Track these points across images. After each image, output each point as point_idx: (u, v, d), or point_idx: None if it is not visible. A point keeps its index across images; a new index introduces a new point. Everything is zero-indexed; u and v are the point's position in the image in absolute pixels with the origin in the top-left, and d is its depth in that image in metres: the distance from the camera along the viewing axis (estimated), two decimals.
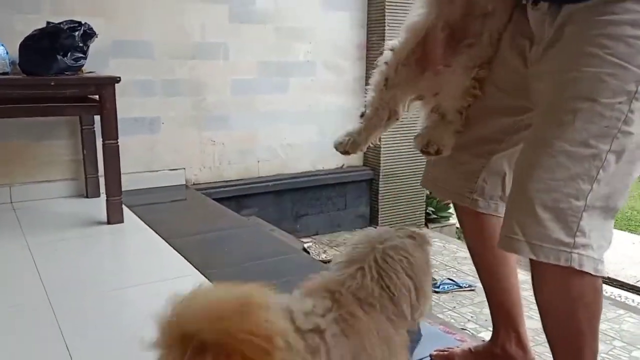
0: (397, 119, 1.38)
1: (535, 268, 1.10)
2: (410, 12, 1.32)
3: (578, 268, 1.03)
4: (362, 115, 1.39)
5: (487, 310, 1.59)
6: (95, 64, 2.75)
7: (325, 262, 2.71)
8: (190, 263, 2.13)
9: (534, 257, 1.04)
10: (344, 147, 1.40)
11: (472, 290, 2.92)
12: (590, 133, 1.00)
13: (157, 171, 3.27)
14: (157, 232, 2.47)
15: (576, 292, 1.07)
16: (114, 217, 2.54)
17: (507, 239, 1.07)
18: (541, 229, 1.02)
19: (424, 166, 1.50)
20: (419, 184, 4.10)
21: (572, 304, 1.08)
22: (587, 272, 1.04)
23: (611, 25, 0.99)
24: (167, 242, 2.36)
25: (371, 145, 1.42)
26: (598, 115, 1.00)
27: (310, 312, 0.91)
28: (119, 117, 2.49)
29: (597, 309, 1.10)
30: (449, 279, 3.02)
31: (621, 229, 4.82)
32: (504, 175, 1.35)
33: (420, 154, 1.34)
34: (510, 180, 1.32)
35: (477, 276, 1.55)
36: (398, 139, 3.79)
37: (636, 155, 1.03)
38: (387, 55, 1.34)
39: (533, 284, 1.14)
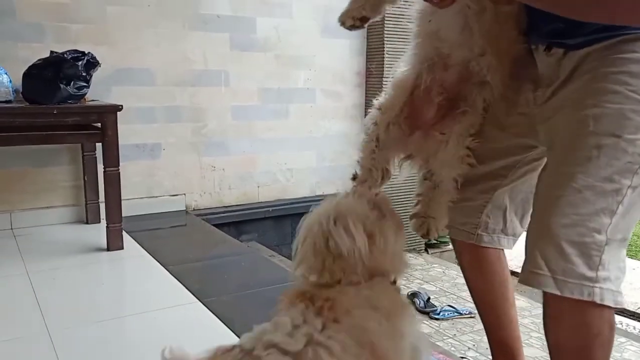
0: (389, 178, 1.37)
1: (552, 303, 1.08)
2: (397, 66, 1.31)
3: (599, 302, 1.02)
4: (353, 178, 1.36)
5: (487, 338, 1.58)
6: (98, 91, 2.79)
7: None
8: (189, 291, 2.12)
9: (558, 293, 1.03)
10: None
11: (473, 317, 2.90)
12: (615, 169, 1.01)
13: (157, 197, 3.28)
14: (156, 259, 2.47)
15: (595, 328, 1.06)
16: (113, 243, 2.54)
17: (531, 274, 1.07)
18: (567, 264, 1.03)
19: None
20: None
21: (589, 341, 1.07)
22: (606, 306, 1.03)
23: (632, 63, 1.01)
24: (166, 269, 2.36)
25: None
26: (622, 151, 1.01)
27: (292, 330, 0.89)
28: (120, 143, 2.51)
29: (611, 347, 1.09)
30: (449, 305, 3.01)
31: None
32: (505, 208, 1.35)
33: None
34: (510, 213, 1.33)
35: None
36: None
37: None
38: (374, 114, 1.32)
39: (547, 321, 1.12)
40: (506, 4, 1.12)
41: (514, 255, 1.48)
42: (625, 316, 3.41)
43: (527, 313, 3.13)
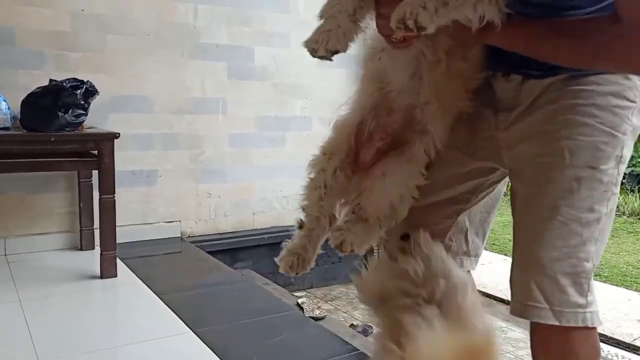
0: (336, 224, 1.32)
1: (542, 331, 1.11)
2: (339, 111, 1.29)
3: (590, 325, 1.07)
4: (300, 227, 1.31)
5: None
6: (95, 119, 2.81)
7: (317, 319, 2.68)
8: (183, 320, 2.11)
9: (557, 323, 1.07)
10: (295, 269, 1.28)
11: None
12: (594, 199, 1.06)
13: (152, 223, 3.28)
14: (150, 287, 2.46)
15: (583, 354, 1.10)
16: (107, 271, 2.53)
17: (529, 307, 1.09)
18: (563, 295, 1.06)
19: None
20: None
21: None
22: (591, 327, 1.08)
23: (598, 95, 1.04)
24: (159, 297, 2.34)
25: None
26: (598, 182, 1.05)
27: None
28: (116, 169, 2.52)
29: None
30: None
31: (617, 285, 4.80)
32: (466, 230, 1.37)
33: None
34: (471, 235, 1.36)
35: None
36: None
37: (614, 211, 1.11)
38: (320, 159, 1.28)
39: (538, 350, 1.14)
40: (461, 61, 1.12)
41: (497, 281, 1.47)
42: (621, 348, 3.39)
43: (522, 344, 3.11)
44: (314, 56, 1.07)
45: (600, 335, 3.64)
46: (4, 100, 2.50)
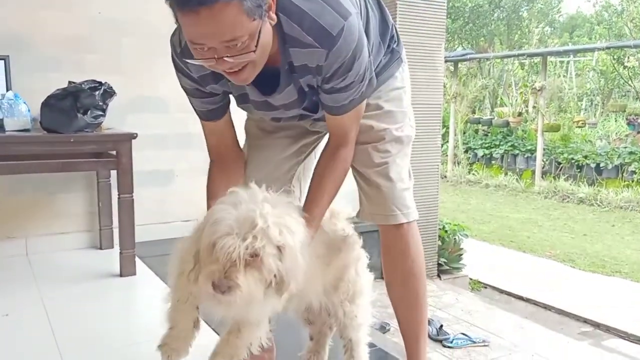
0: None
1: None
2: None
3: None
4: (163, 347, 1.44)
5: None
6: (113, 120, 2.85)
7: None
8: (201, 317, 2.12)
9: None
10: None
11: (486, 345, 2.87)
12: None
13: (170, 222, 3.31)
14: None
15: None
16: (126, 269, 2.57)
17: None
18: None
19: (435, 216, 1.60)
20: (430, 234, 4.10)
21: None
22: None
23: None
24: None
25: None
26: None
27: None
28: (134, 170, 2.56)
29: None
30: (462, 333, 2.98)
31: (637, 281, 4.73)
32: (301, 179, 1.71)
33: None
34: (304, 182, 1.71)
35: (490, 330, 1.59)
36: None
37: None
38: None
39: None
40: None
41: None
42: (631, 342, 3.36)
43: (541, 341, 3.09)
44: None
45: (620, 332, 3.62)
46: (24, 103, 2.54)
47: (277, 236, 1.15)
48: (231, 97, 1.51)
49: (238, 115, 1.65)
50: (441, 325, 3.05)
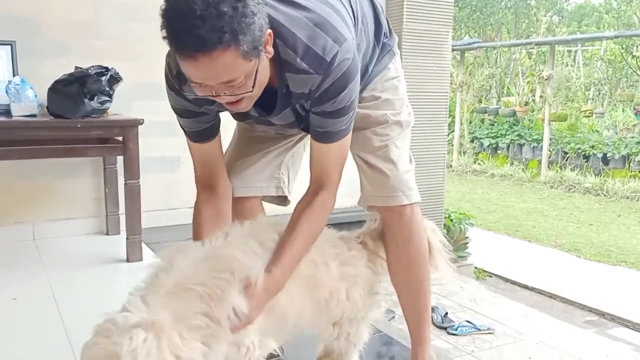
0: None
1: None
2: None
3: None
4: None
5: (506, 355, 1.57)
6: (120, 105, 2.84)
7: None
8: None
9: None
10: None
11: (491, 333, 2.87)
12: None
13: (176, 209, 3.31)
14: None
15: None
16: (133, 255, 2.58)
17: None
18: None
19: (441, 204, 1.58)
20: (435, 223, 4.09)
21: None
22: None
23: None
24: None
25: None
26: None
27: None
28: (140, 156, 2.56)
29: None
30: (467, 321, 2.98)
31: None
32: (289, 168, 1.74)
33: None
34: (292, 172, 1.76)
35: (495, 318, 1.58)
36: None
37: None
38: None
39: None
40: None
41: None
42: (636, 330, 3.35)
43: (546, 330, 3.09)
44: None
45: (626, 320, 3.61)
46: (31, 88, 2.54)
47: None
48: (221, 115, 1.48)
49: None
50: (446, 313, 3.06)
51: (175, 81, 1.36)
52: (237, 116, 1.51)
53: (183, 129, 1.51)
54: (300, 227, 1.34)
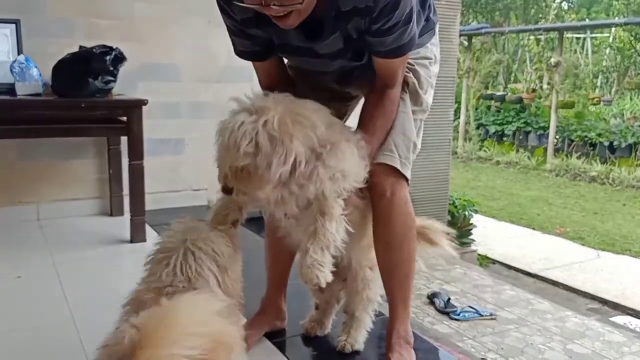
0: None
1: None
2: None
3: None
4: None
5: (508, 340, 1.57)
6: (125, 86, 2.83)
7: None
8: None
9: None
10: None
11: (494, 319, 2.87)
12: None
13: (180, 191, 3.32)
14: None
15: None
16: (137, 236, 2.58)
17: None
18: None
19: (445, 191, 1.54)
20: (439, 209, 4.09)
21: None
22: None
23: None
24: None
25: None
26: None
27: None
28: (144, 137, 2.55)
29: None
30: (469, 306, 2.99)
31: None
32: None
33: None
34: None
35: (498, 304, 1.56)
36: (417, 164, 3.79)
37: None
38: None
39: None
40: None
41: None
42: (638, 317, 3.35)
43: (549, 316, 3.09)
44: None
45: (629, 309, 3.59)
46: (35, 67, 2.53)
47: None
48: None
49: None
50: (449, 298, 3.06)
51: (225, 0, 1.38)
52: (281, 49, 1.49)
53: (235, 48, 1.54)
54: (376, 123, 1.44)
